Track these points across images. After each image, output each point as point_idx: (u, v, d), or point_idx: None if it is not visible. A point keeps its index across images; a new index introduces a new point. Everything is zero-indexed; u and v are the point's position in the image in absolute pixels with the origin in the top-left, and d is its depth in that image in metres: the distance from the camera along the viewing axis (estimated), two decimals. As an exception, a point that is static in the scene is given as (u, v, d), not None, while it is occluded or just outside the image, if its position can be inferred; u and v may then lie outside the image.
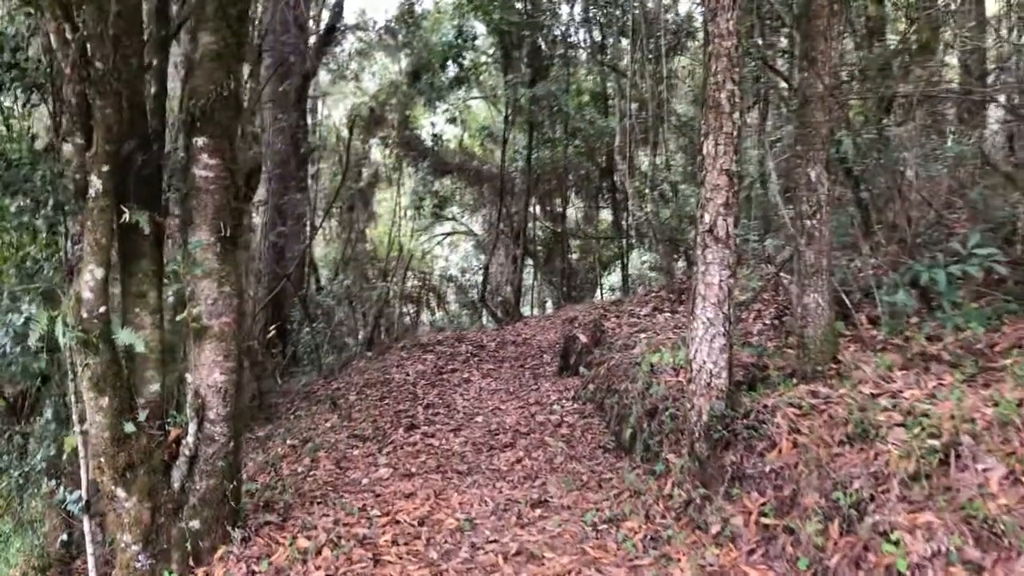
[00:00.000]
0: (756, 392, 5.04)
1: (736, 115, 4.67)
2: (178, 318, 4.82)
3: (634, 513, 5.00)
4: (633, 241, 21.11)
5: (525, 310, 20.82)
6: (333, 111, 23.78)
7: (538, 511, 5.34)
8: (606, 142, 18.70)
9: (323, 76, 22.00)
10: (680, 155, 17.62)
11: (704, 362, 4.77)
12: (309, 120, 19.97)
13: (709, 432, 4.76)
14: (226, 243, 4.81)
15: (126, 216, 4.60)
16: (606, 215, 23.62)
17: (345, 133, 19.57)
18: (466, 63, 17.99)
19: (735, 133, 4.69)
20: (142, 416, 4.71)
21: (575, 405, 8.07)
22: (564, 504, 5.44)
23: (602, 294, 22.72)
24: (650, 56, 14.71)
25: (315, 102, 21.82)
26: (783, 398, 4.77)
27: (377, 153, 22.81)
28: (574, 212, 22.68)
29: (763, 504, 4.39)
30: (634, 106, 14.60)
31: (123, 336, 4.52)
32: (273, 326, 14.49)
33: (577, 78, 18.57)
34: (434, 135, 20.30)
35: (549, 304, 22.56)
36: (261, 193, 16.17)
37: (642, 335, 8.34)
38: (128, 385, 4.71)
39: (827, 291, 5.11)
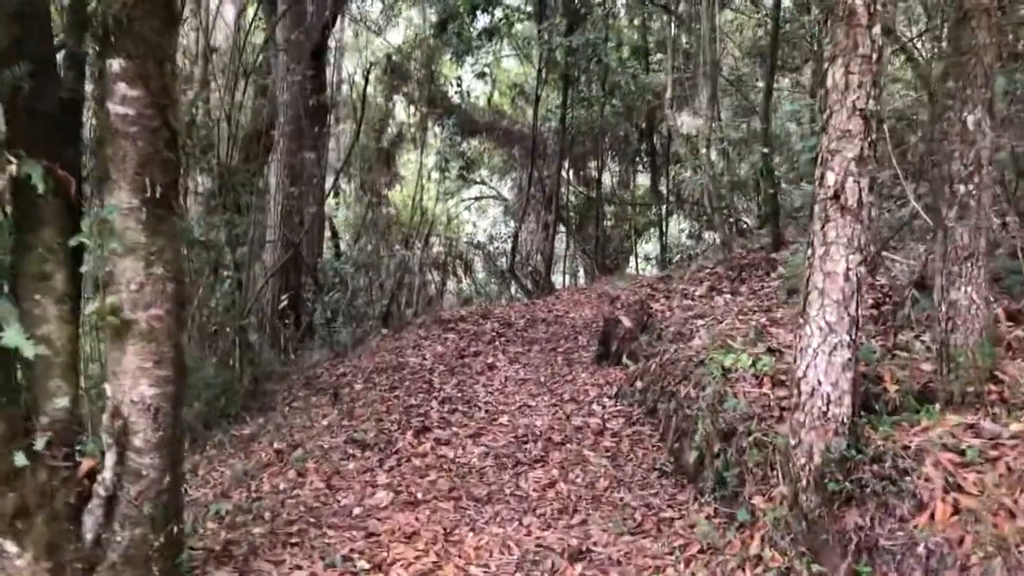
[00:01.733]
0: (883, 424, 3.65)
1: (877, 29, 3.24)
2: (88, 310, 3.53)
3: (710, 581, 3.68)
4: (672, 207, 19.62)
5: (556, 279, 19.45)
6: (358, 69, 22.39)
7: (579, 567, 4.03)
8: (647, 100, 17.22)
9: (347, 33, 20.61)
10: (725, 115, 16.11)
11: (819, 382, 3.39)
12: (332, 76, 18.60)
13: (823, 480, 3.40)
14: (155, 207, 3.48)
15: (12, 168, 3.30)
16: (642, 180, 22.13)
17: (368, 90, 18.19)
18: (497, 13, 16.48)
19: (875, 56, 3.26)
20: (41, 443, 3.42)
21: (619, 406, 6.73)
22: (613, 557, 4.11)
23: (637, 264, 21.31)
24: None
25: (337, 58, 20.44)
26: (930, 435, 3.38)
27: (401, 111, 21.43)
28: (609, 177, 21.16)
29: (909, 595, 3.03)
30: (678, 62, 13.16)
31: (8, 336, 3.24)
32: (285, 296, 13.34)
33: (617, 26, 16.91)
34: (459, 90, 18.76)
35: (581, 274, 21.18)
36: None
37: (699, 322, 6.96)
38: (21, 401, 3.45)
39: (984, 282, 3.69)
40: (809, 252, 3.46)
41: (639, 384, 6.66)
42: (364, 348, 10.81)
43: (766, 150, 8.20)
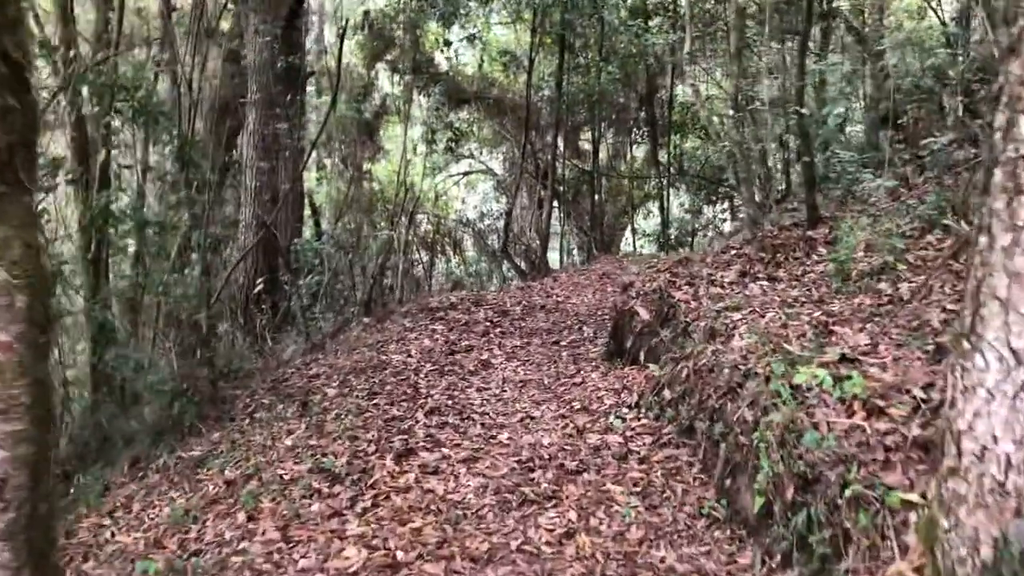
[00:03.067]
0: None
1: None
2: None
3: None
4: (673, 179, 18.45)
5: (551, 257, 18.28)
6: (336, 36, 21.02)
7: (618, 676, 2.92)
8: (647, 64, 16.05)
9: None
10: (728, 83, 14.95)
11: (994, 439, 2.26)
12: (311, 42, 17.34)
13: (997, 583, 2.28)
14: (-10, 182, 2.31)
15: None
16: (637, 153, 20.95)
17: (348, 59, 16.84)
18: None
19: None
20: None
21: (642, 419, 5.60)
22: (664, 660, 3.00)
23: (634, 240, 20.19)
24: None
25: (317, 23, 19.15)
26: None
27: (384, 80, 20.13)
28: (605, 148, 19.92)
29: None
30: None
31: None
32: (261, 280, 12.19)
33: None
34: (450, 54, 17.48)
35: (576, 252, 20.01)
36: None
37: (735, 316, 5.81)
38: None
39: None
40: (983, 241, 2.32)
41: (667, 393, 5.53)
42: (343, 339, 9.66)
43: (804, 111, 7.02)
